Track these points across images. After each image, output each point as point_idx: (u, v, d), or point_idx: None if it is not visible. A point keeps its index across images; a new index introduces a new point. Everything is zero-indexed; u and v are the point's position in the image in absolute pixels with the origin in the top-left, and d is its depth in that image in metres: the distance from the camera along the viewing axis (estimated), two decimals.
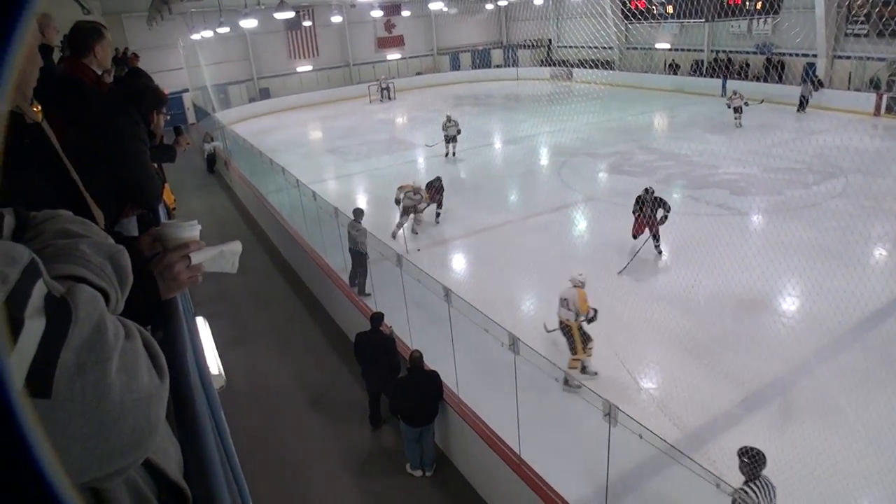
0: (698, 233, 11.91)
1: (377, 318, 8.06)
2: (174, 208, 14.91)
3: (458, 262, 12.90)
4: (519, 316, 10.14)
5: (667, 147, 19.93)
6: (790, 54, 27.61)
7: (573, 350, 8.41)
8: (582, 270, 8.74)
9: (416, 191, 13.12)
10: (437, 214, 14.22)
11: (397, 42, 38.01)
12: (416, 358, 7.13)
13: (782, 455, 6.15)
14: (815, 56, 26.40)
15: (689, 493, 5.54)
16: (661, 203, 11.67)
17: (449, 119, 19.42)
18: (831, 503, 5.99)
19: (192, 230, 1.53)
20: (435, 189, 13.83)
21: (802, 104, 24.39)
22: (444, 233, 13.80)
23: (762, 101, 22.60)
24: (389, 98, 33.21)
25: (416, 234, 13.60)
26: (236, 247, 1.63)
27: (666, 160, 18.10)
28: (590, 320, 8.32)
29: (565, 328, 8.43)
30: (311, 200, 11.94)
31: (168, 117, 4.16)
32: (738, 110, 22.08)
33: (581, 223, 14.39)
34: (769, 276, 10.41)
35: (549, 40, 38.27)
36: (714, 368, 8.28)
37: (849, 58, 25.81)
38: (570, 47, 35.07)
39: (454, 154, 19.78)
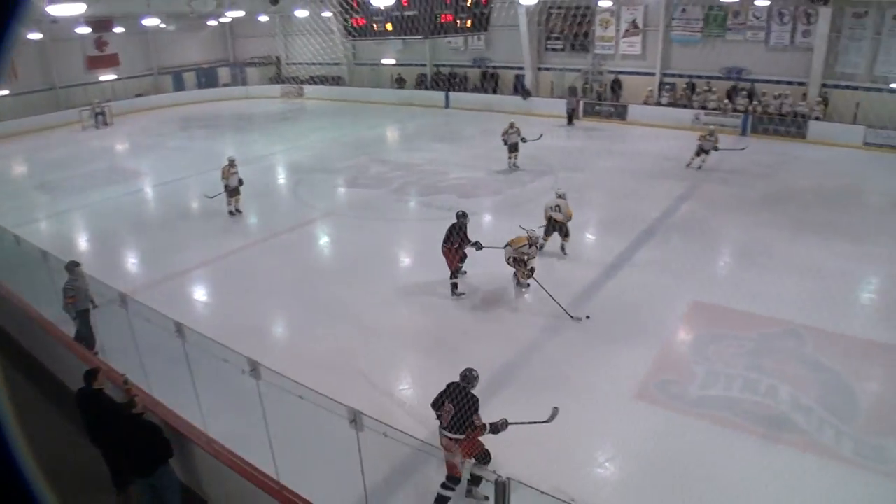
0: (431, 236, 12.58)
1: (89, 374, 7.22)
2: None
3: (199, 294, 12.13)
4: (269, 340, 9.88)
5: (399, 158, 20.81)
6: (502, 67, 30.63)
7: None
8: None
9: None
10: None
11: (111, 61, 34.38)
12: (125, 403, 6.55)
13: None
14: (522, 69, 29.54)
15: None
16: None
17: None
18: (571, 453, 6.72)
19: None
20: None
21: (570, 118, 26.47)
22: (176, 264, 12.84)
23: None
24: (105, 124, 29.99)
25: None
26: None
27: (399, 170, 18.90)
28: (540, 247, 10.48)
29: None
30: (13, 246, 10.46)
31: None
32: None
33: (322, 238, 14.43)
34: (495, 268, 11.36)
35: (278, 57, 37.88)
36: (455, 361, 8.73)
37: (550, 69, 29.35)
38: (300, 64, 35.03)
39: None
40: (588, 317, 9.97)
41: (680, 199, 16.02)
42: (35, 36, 28.44)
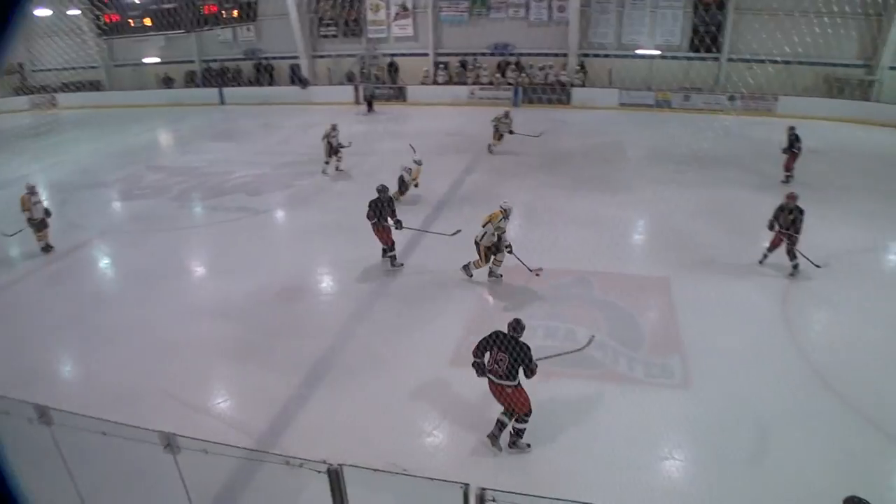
0: (224, 240, 11.98)
1: None
2: None
3: None
4: (60, 382, 8.71)
5: (176, 162, 19.47)
6: (276, 58, 29.70)
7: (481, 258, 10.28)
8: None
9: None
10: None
11: None
12: None
13: (357, 403, 7.20)
14: (297, 58, 28.88)
15: (278, 482, 5.56)
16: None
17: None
18: (400, 428, 6.72)
19: None
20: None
21: (370, 104, 26.08)
22: None
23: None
24: None
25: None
26: None
27: (178, 175, 17.66)
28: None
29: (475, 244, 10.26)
30: None
31: None
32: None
33: (102, 260, 13.05)
34: (298, 262, 11.09)
35: (20, 64, 33.52)
36: (268, 363, 8.41)
37: (325, 56, 29.00)
38: (49, 70, 31.27)
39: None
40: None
41: (466, 171, 16.66)
42: None
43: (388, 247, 10.98)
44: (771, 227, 10.58)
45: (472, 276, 10.53)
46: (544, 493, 4.10)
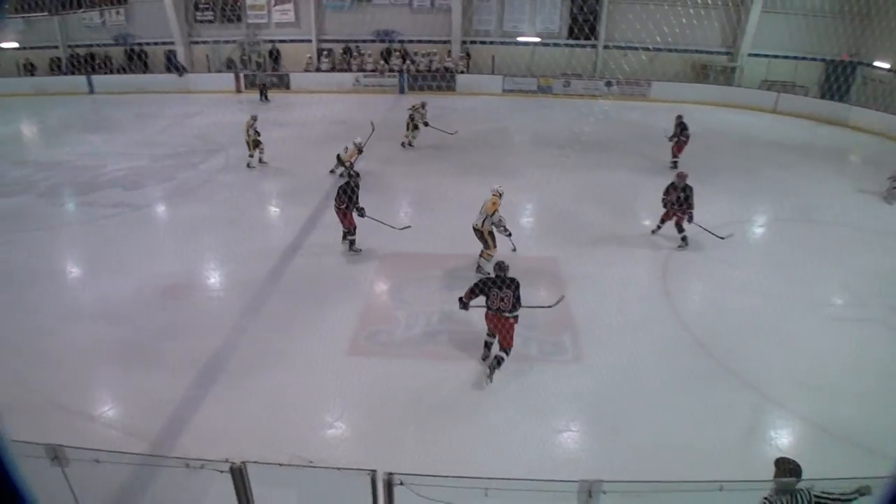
0: (101, 238, 11.37)
1: None
2: None
3: None
4: None
5: (43, 156, 18.12)
6: (150, 43, 28.15)
7: (486, 247, 10.40)
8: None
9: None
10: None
11: None
12: None
13: (256, 400, 7.11)
14: (173, 44, 27.51)
15: (179, 486, 5.43)
16: None
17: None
18: (300, 421, 6.69)
19: None
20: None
21: (263, 93, 25.10)
22: None
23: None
24: None
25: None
26: None
27: (46, 171, 16.49)
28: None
29: (477, 232, 10.35)
30: None
31: None
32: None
33: None
34: (184, 257, 10.73)
35: None
36: (158, 364, 8.11)
37: (203, 42, 27.78)
38: None
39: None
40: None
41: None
42: None
43: (350, 230, 11.08)
44: (664, 205, 11.43)
45: (488, 272, 9.57)
46: (448, 473, 4.24)
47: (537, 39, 26.79)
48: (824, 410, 7.37)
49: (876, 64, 24.53)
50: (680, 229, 11.47)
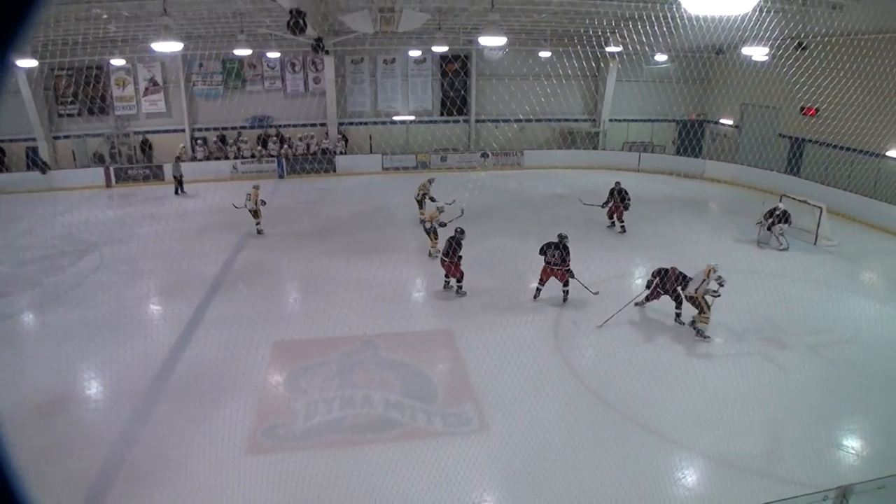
0: None
1: None
2: None
3: None
4: None
5: None
6: (8, 140, 26.54)
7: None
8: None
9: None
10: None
11: None
12: None
13: None
14: (34, 139, 26.11)
15: None
16: None
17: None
18: None
19: None
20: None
21: (179, 186, 23.60)
22: None
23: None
24: None
25: None
26: None
27: None
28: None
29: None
30: None
31: None
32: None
33: None
34: (59, 369, 10.09)
35: None
36: (38, 492, 7.42)
37: (68, 136, 26.56)
38: None
39: None
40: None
41: (236, 248, 16.33)
42: None
43: (457, 279, 12.80)
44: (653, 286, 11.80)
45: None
46: None
47: (412, 117, 27.74)
48: (722, 444, 7.92)
49: (721, 121, 27.29)
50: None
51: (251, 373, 9.95)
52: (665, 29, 14.62)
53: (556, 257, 12.07)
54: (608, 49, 23.27)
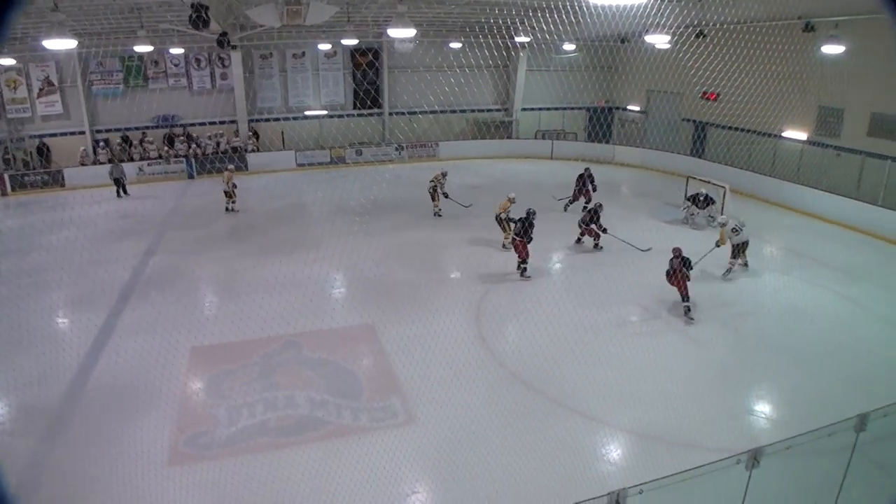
0: None
1: None
2: None
3: None
4: None
5: None
6: None
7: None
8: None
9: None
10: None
11: None
12: None
13: None
14: None
15: None
16: None
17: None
18: None
19: None
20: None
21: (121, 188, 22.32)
22: None
23: None
24: None
25: None
26: None
27: None
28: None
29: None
30: None
31: None
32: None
33: None
34: None
35: None
36: None
37: None
38: None
39: None
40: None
41: (147, 254, 15.73)
42: None
43: (523, 260, 13.26)
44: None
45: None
46: None
47: (324, 112, 27.33)
48: (642, 418, 8.28)
49: (629, 107, 28.20)
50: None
51: (169, 381, 9.60)
52: (571, 18, 14.97)
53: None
54: (517, 39, 23.56)
